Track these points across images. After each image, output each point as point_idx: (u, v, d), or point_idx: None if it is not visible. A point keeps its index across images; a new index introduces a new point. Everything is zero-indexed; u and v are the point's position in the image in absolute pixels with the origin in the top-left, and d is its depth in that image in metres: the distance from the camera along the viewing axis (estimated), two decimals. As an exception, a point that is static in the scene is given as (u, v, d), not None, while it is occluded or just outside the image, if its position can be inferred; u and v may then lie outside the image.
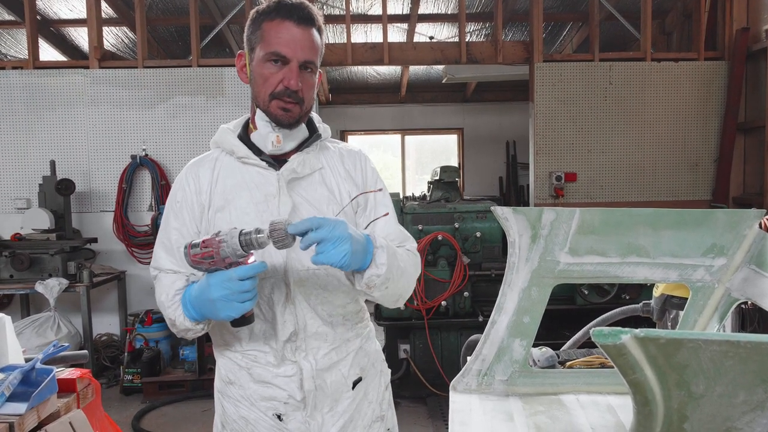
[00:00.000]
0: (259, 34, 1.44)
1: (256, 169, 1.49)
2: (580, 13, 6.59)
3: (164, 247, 1.51)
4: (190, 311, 1.39)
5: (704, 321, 1.65)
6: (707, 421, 0.84)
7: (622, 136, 5.62)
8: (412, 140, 9.99)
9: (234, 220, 1.45)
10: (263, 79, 1.44)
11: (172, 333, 5.45)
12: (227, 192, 1.48)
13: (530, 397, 1.64)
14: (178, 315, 1.42)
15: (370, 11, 6.57)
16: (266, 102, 1.45)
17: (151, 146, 5.45)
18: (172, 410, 4.38)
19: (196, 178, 1.51)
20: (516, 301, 1.63)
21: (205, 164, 1.53)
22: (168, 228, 1.51)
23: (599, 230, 1.61)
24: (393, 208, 1.66)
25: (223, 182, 1.49)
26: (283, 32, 1.41)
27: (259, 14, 1.46)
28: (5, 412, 1.59)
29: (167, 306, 1.45)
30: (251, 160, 1.49)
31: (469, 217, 4.57)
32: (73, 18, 6.40)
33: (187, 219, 1.50)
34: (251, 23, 1.47)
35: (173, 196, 1.53)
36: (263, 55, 1.42)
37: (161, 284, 1.49)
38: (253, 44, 1.46)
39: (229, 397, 1.52)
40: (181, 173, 1.56)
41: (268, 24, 1.43)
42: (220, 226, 1.43)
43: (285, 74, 1.42)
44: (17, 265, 4.70)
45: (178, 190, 1.53)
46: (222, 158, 1.53)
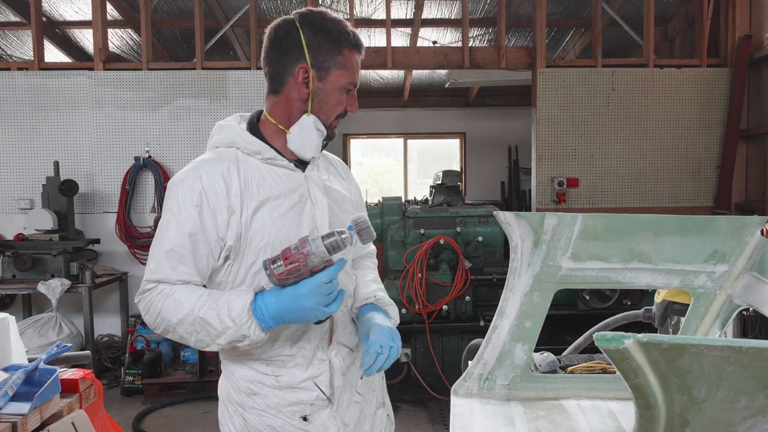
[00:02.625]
0: (341, 59, 1.49)
1: (283, 171, 1.49)
2: (583, 19, 6.61)
3: (174, 256, 1.40)
4: (268, 322, 1.36)
5: (706, 327, 1.65)
6: (709, 425, 0.85)
7: (625, 141, 5.62)
8: (415, 144, 10.00)
9: (273, 222, 1.44)
10: (337, 103, 1.51)
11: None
12: (261, 193, 1.45)
13: (531, 401, 1.64)
14: (255, 330, 1.35)
15: (374, 16, 6.59)
16: (331, 120, 1.53)
17: (155, 148, 5.47)
18: (173, 412, 4.38)
19: (221, 179, 1.42)
20: (518, 306, 1.64)
21: (224, 164, 1.45)
22: (180, 234, 1.40)
23: (601, 236, 1.62)
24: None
25: (254, 183, 1.45)
26: (357, 64, 1.53)
27: (337, 36, 1.48)
28: (8, 412, 1.59)
29: (227, 324, 1.34)
30: (280, 161, 1.49)
31: (471, 221, 4.58)
32: (79, 20, 6.42)
33: (209, 225, 1.41)
34: (325, 41, 1.47)
35: (186, 199, 1.41)
36: (344, 84, 1.50)
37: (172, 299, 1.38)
38: (329, 66, 1.48)
39: (252, 409, 1.49)
40: (188, 174, 1.44)
41: (350, 53, 1.50)
42: (259, 229, 1.43)
43: (350, 101, 1.54)
44: (20, 265, 4.71)
45: (195, 193, 1.41)
46: (243, 158, 1.47)
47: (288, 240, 1.43)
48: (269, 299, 1.36)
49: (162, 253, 1.41)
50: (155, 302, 1.40)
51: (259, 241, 1.43)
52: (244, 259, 1.45)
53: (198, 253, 1.41)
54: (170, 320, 1.38)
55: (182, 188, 1.43)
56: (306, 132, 1.50)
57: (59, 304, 4.70)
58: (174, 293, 1.39)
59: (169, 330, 1.40)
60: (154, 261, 1.42)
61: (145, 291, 1.42)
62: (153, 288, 1.41)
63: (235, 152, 1.48)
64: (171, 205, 1.43)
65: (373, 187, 10.25)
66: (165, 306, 1.38)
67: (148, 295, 1.41)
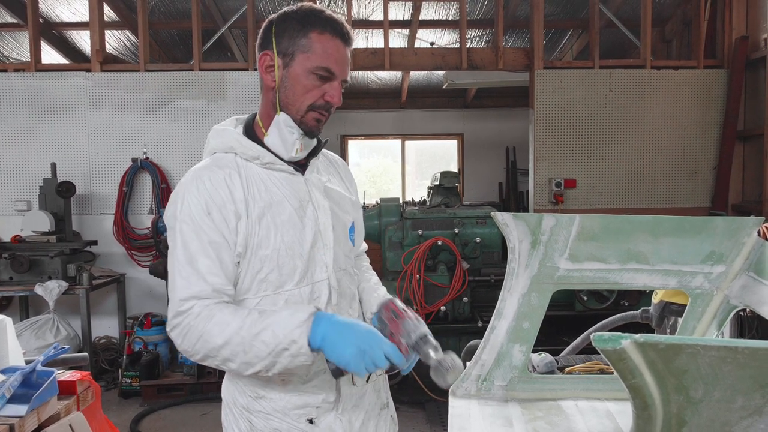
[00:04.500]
0: (305, 42, 1.40)
1: (282, 175, 1.46)
2: (580, 20, 6.62)
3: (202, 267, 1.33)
4: (318, 340, 1.27)
5: (703, 328, 1.66)
6: (705, 425, 0.85)
7: (622, 142, 5.64)
8: (412, 145, 10.01)
9: (277, 228, 1.40)
10: (304, 90, 1.42)
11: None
12: (263, 199, 1.41)
13: (529, 402, 1.64)
14: (302, 342, 1.26)
15: (372, 17, 6.59)
16: (302, 111, 1.44)
17: (152, 149, 5.46)
18: (171, 413, 4.38)
19: (224, 185, 1.39)
20: (515, 307, 1.64)
21: (225, 170, 1.41)
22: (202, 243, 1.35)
23: (599, 237, 1.62)
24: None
25: (256, 188, 1.42)
26: (333, 49, 1.42)
27: (304, 20, 1.42)
28: (6, 414, 1.59)
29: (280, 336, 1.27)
30: (279, 165, 1.46)
31: (468, 222, 4.58)
32: (76, 21, 6.41)
33: (224, 229, 1.37)
34: (289, 25, 1.42)
35: (197, 209, 1.36)
36: (311, 67, 1.40)
37: (216, 321, 1.29)
38: (293, 50, 1.41)
39: (258, 412, 1.46)
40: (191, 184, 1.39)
41: (318, 36, 1.41)
42: (264, 235, 1.39)
43: (328, 89, 1.43)
44: (17, 267, 4.70)
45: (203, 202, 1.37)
46: (242, 163, 1.44)
47: (293, 245, 1.42)
48: (335, 318, 1.31)
49: (188, 268, 1.34)
50: (195, 326, 1.30)
51: (264, 248, 1.40)
52: (250, 267, 1.41)
53: (224, 261, 1.36)
54: (214, 342, 1.29)
55: (188, 198, 1.37)
56: (281, 132, 1.45)
57: (56, 305, 4.69)
58: (216, 314, 1.31)
59: (210, 355, 1.31)
60: (181, 277, 1.34)
61: (180, 313, 1.32)
62: (189, 309, 1.32)
63: (233, 158, 1.45)
64: (181, 217, 1.37)
65: (371, 188, 10.25)
66: (208, 329, 1.30)
67: (184, 319, 1.32)
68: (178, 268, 1.35)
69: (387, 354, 1.27)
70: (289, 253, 1.42)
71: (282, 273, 1.42)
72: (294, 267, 1.43)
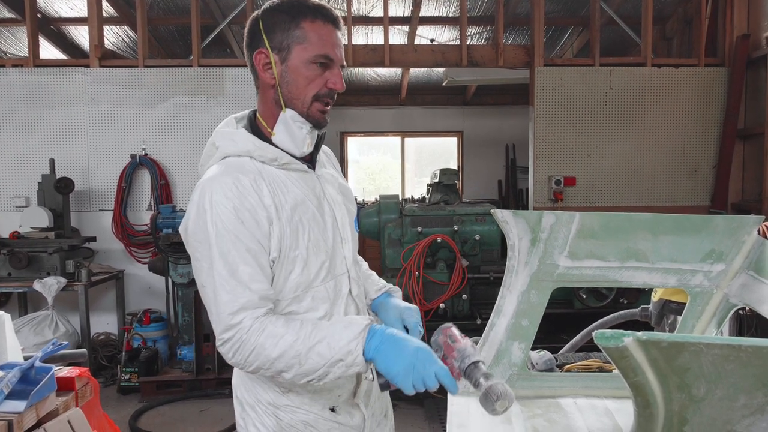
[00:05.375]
0: (299, 33, 1.39)
1: (299, 174, 1.46)
2: (580, 17, 6.61)
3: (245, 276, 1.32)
4: (371, 349, 1.29)
5: (702, 326, 1.66)
6: (707, 424, 0.85)
7: (622, 140, 5.63)
8: (412, 142, 10.00)
9: (305, 227, 1.41)
10: (307, 81, 1.40)
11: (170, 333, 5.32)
12: (288, 200, 1.40)
13: (528, 400, 1.64)
14: (358, 353, 1.28)
15: (372, 13, 6.58)
16: (307, 104, 1.42)
17: (151, 146, 5.45)
18: (170, 410, 4.38)
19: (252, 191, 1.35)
20: (515, 304, 1.64)
21: (250, 176, 1.37)
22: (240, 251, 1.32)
23: (599, 234, 1.62)
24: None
25: (280, 191, 1.40)
26: (327, 35, 1.40)
27: (292, 11, 1.40)
28: (4, 410, 1.58)
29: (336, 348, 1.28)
30: (295, 165, 1.45)
31: (468, 219, 4.58)
32: (74, 16, 6.39)
33: (258, 235, 1.34)
34: (279, 19, 1.40)
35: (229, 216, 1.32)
36: (310, 57, 1.39)
37: (269, 333, 1.30)
38: (288, 43, 1.39)
39: (286, 406, 1.47)
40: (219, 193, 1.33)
41: (311, 24, 1.39)
42: (294, 237, 1.39)
43: (330, 76, 1.42)
44: (15, 263, 4.70)
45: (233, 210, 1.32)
46: (260, 167, 1.41)
47: (318, 243, 1.44)
48: (390, 332, 1.32)
49: (232, 280, 1.31)
50: (248, 340, 1.30)
51: (295, 248, 1.40)
52: (283, 270, 1.39)
53: (263, 266, 1.35)
54: (268, 355, 1.30)
55: (218, 208, 1.32)
56: (289, 129, 1.43)
57: (55, 302, 4.68)
58: (268, 327, 1.31)
59: (263, 367, 1.32)
60: (225, 291, 1.31)
61: (231, 327, 1.30)
62: (240, 323, 1.30)
63: (250, 162, 1.40)
64: (213, 228, 1.32)
65: (371, 185, 10.24)
66: (262, 342, 1.30)
67: (235, 334, 1.30)
68: (220, 282, 1.32)
69: (437, 374, 1.25)
70: (315, 250, 1.43)
71: (310, 271, 1.43)
72: (321, 263, 1.45)
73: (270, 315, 1.34)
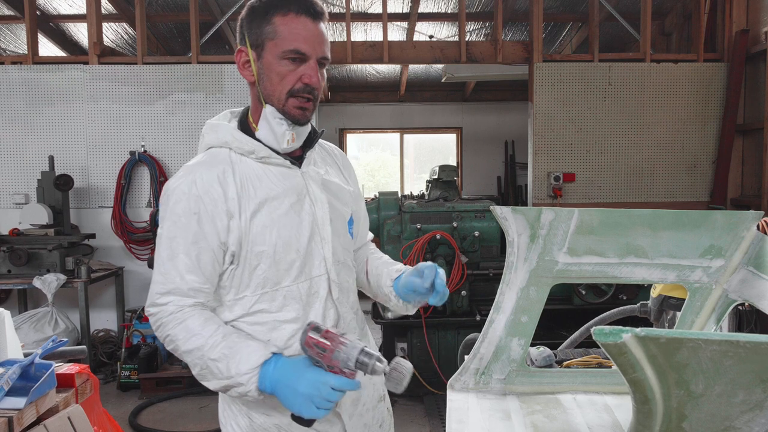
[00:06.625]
0: (270, 28, 1.38)
1: (279, 169, 1.44)
2: (579, 13, 6.60)
3: (181, 265, 1.36)
4: (266, 384, 1.30)
5: (701, 322, 1.66)
6: (706, 420, 0.85)
7: (621, 136, 5.63)
8: (411, 139, 9.99)
9: (273, 224, 1.39)
10: (280, 77, 1.39)
11: None
12: (258, 195, 1.40)
13: (527, 396, 1.65)
14: (251, 387, 1.31)
15: (370, 9, 6.56)
16: (282, 100, 1.40)
17: (150, 142, 5.45)
18: (170, 406, 4.39)
19: (217, 183, 1.38)
20: (514, 301, 1.64)
21: (219, 167, 1.40)
22: (185, 242, 1.36)
23: (598, 231, 1.62)
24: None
25: (251, 185, 1.40)
26: (300, 28, 1.37)
27: (266, 6, 1.39)
28: (4, 407, 1.59)
29: (231, 373, 1.31)
30: (275, 159, 1.43)
31: (467, 216, 4.58)
32: (73, 13, 6.38)
33: (210, 231, 1.37)
34: (255, 16, 1.40)
35: (184, 205, 1.37)
36: (280, 53, 1.37)
37: (184, 327, 1.35)
38: (262, 39, 1.39)
39: (258, 407, 1.46)
40: (183, 179, 1.39)
41: (281, 18, 1.37)
42: (259, 232, 1.38)
43: (304, 71, 1.38)
44: (15, 260, 4.70)
45: (192, 199, 1.37)
46: (237, 159, 1.42)
47: (290, 241, 1.40)
48: (281, 363, 1.31)
49: (169, 263, 1.37)
50: (166, 324, 1.36)
51: (260, 244, 1.39)
52: (247, 264, 1.40)
53: (202, 261, 1.37)
54: (178, 347, 1.36)
55: (178, 195, 1.38)
56: (270, 125, 1.42)
57: (55, 299, 4.69)
58: (186, 321, 1.35)
59: (176, 353, 1.39)
60: (160, 271, 1.38)
61: (156, 305, 1.38)
62: (165, 305, 1.37)
63: (228, 153, 1.43)
64: (169, 213, 1.39)
65: (370, 181, 10.24)
66: (176, 333, 1.36)
67: (158, 312, 1.37)
68: (159, 261, 1.39)
69: (335, 387, 1.25)
70: (285, 248, 1.41)
71: (279, 269, 1.41)
72: (291, 262, 1.42)
73: (196, 308, 1.37)
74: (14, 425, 1.56)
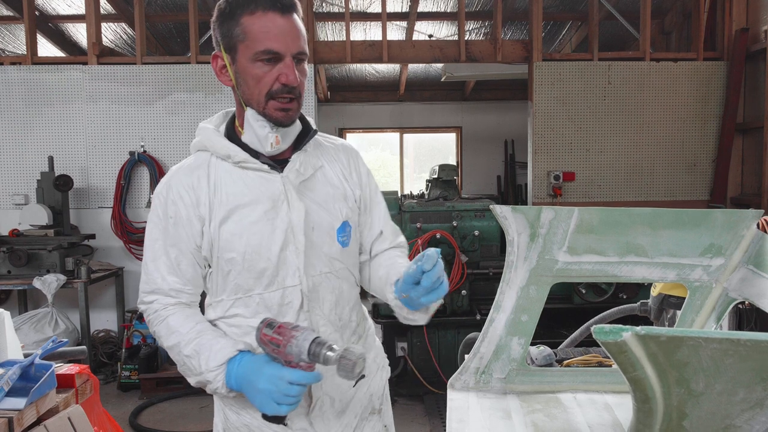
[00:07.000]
0: (239, 30, 1.31)
1: (257, 174, 1.39)
2: (579, 12, 6.60)
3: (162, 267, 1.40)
4: (232, 383, 1.31)
5: (701, 321, 1.66)
6: (706, 418, 0.85)
7: (621, 135, 5.63)
8: (411, 138, 9.99)
9: (242, 231, 1.36)
10: (255, 80, 1.32)
11: None
12: (229, 201, 1.37)
13: (528, 395, 1.64)
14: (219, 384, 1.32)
15: (369, 9, 6.56)
16: (262, 104, 1.34)
17: (150, 143, 5.44)
18: (170, 406, 4.39)
19: (190, 189, 1.38)
20: (514, 300, 1.64)
21: (196, 172, 1.39)
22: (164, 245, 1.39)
23: (598, 229, 1.62)
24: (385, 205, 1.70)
25: (224, 190, 1.37)
26: (270, 25, 1.29)
27: (232, 7, 1.32)
28: (4, 407, 1.59)
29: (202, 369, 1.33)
30: (252, 164, 1.38)
31: (467, 215, 4.58)
32: (72, 14, 6.37)
33: (184, 236, 1.38)
34: (224, 19, 1.34)
35: (162, 209, 1.39)
36: (252, 55, 1.31)
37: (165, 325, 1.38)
38: (233, 42, 1.33)
39: (231, 406, 1.47)
40: (163, 183, 1.41)
41: (249, 18, 1.30)
42: (227, 239, 1.36)
43: (280, 70, 1.31)
44: (15, 260, 4.69)
45: (169, 204, 1.38)
46: (215, 163, 1.40)
47: (260, 249, 1.37)
48: (245, 360, 1.31)
49: (151, 264, 1.41)
50: (152, 321, 1.42)
51: (229, 251, 1.37)
52: (219, 270, 1.40)
53: (181, 265, 1.40)
54: (162, 343, 1.41)
55: (159, 199, 1.41)
56: (253, 128, 1.37)
57: (55, 299, 4.68)
58: (168, 318, 1.39)
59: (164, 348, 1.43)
60: (145, 271, 1.42)
61: (144, 302, 1.44)
62: (151, 303, 1.42)
63: (208, 157, 1.41)
64: (152, 215, 1.42)
65: (370, 181, 10.22)
66: (159, 330, 1.40)
67: (146, 309, 1.43)
68: (144, 261, 1.44)
69: (293, 381, 1.22)
70: (255, 256, 1.37)
71: (250, 276, 1.39)
72: (262, 271, 1.38)
73: (178, 306, 1.41)
74: (14, 426, 1.56)
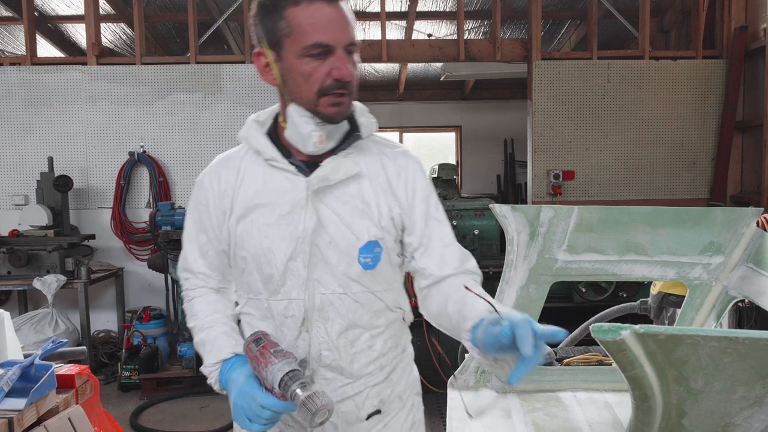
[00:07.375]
0: (284, 24, 1.21)
1: (283, 174, 1.30)
2: (578, 11, 6.59)
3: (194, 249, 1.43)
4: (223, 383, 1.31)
5: (701, 319, 1.66)
6: (705, 416, 0.85)
7: (620, 134, 5.63)
8: (410, 138, 9.99)
9: (255, 232, 1.31)
10: (305, 78, 1.22)
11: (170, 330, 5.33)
12: (250, 199, 1.32)
13: (528, 394, 1.65)
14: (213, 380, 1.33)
15: (369, 8, 6.55)
16: (313, 101, 1.24)
17: (149, 143, 5.44)
18: (170, 407, 4.38)
19: (219, 179, 1.36)
20: (514, 299, 1.64)
21: (229, 164, 1.37)
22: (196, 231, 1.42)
23: (597, 228, 1.62)
24: (449, 224, 1.46)
25: (247, 187, 1.33)
26: (317, 15, 1.19)
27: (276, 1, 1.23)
28: (4, 408, 1.59)
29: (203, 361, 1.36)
30: (279, 163, 1.30)
31: (467, 214, 4.58)
32: (71, 14, 6.37)
33: (211, 225, 1.39)
34: (267, 12, 1.24)
35: (197, 195, 1.42)
36: (300, 50, 1.21)
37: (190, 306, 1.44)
38: (278, 38, 1.23)
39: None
40: (205, 172, 1.42)
41: (294, 10, 1.20)
42: (242, 237, 1.33)
43: (332, 65, 1.21)
44: (15, 261, 4.69)
45: (202, 190, 1.40)
46: (248, 157, 1.35)
47: (269, 254, 1.31)
48: (235, 367, 1.28)
49: (187, 244, 1.45)
50: (184, 298, 1.47)
51: (242, 249, 1.34)
52: (236, 266, 1.38)
53: (209, 252, 1.42)
54: (186, 321, 1.46)
55: (197, 188, 1.44)
56: (295, 125, 1.27)
57: (55, 300, 4.68)
58: (193, 300, 1.44)
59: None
60: (183, 248, 1.46)
61: (181, 278, 1.48)
62: (186, 280, 1.46)
63: (244, 150, 1.38)
64: (191, 198, 1.45)
65: (369, 180, 10.22)
66: (186, 308, 1.46)
67: (183, 285, 1.48)
68: (183, 240, 1.47)
69: (264, 406, 1.16)
70: (263, 260, 1.32)
71: (259, 280, 1.34)
72: (269, 276, 1.32)
73: (205, 289, 1.44)
74: (14, 426, 1.57)
